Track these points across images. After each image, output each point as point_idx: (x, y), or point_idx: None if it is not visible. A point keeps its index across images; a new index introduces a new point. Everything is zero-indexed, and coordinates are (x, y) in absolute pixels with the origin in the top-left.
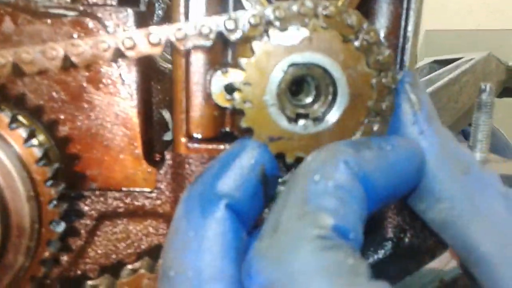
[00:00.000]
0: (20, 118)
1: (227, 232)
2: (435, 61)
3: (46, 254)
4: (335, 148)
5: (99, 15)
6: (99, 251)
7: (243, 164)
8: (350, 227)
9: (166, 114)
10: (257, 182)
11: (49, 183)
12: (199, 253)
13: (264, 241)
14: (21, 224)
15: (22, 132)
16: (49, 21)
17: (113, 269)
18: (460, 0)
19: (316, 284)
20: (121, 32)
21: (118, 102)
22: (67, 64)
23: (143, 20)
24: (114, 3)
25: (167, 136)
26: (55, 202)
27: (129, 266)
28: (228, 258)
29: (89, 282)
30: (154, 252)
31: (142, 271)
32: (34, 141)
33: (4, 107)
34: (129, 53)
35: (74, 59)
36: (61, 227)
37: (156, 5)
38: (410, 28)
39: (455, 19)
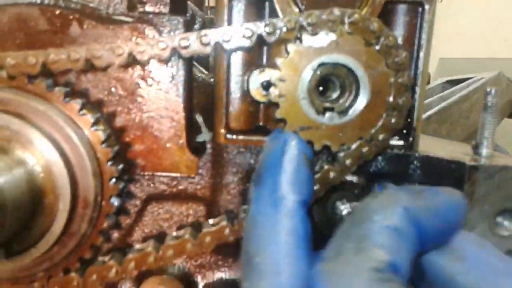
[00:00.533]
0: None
1: (298, 225)
2: (448, 81)
3: (105, 225)
4: (396, 195)
5: (155, 21)
6: (146, 230)
7: (291, 157)
8: (402, 264)
9: (199, 118)
10: (307, 170)
11: (110, 162)
12: (278, 245)
13: (328, 265)
14: (87, 197)
15: (90, 118)
16: (111, 26)
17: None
18: (474, 28)
19: None
20: (178, 34)
21: (167, 98)
22: (130, 60)
23: (189, 28)
24: (166, 11)
25: (200, 138)
26: (114, 180)
27: (174, 233)
28: (300, 248)
29: (137, 246)
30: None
31: (187, 236)
32: (100, 126)
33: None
34: (183, 52)
35: (137, 56)
36: (118, 202)
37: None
38: (424, 36)
39: (469, 47)
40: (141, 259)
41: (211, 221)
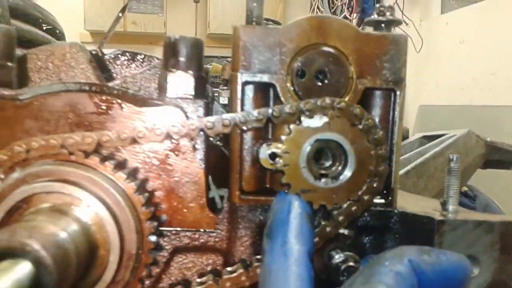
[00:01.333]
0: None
1: (304, 271)
2: (424, 137)
3: (144, 273)
4: (406, 249)
5: (181, 104)
6: (172, 278)
7: (296, 215)
8: None
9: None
10: (309, 225)
11: (149, 222)
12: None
13: None
14: (131, 250)
15: (134, 185)
16: (145, 108)
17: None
18: (452, 77)
19: None
20: (205, 117)
21: (191, 165)
22: (167, 138)
23: (208, 109)
24: (191, 96)
25: (210, 194)
26: (151, 236)
27: (197, 280)
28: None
29: None
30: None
31: (210, 282)
32: (141, 191)
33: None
34: (209, 132)
35: (173, 135)
36: (154, 254)
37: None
38: (396, 114)
39: (448, 95)
40: None
41: (229, 269)
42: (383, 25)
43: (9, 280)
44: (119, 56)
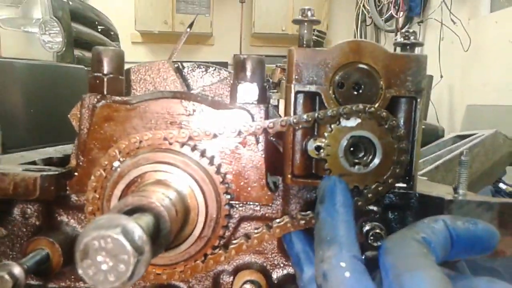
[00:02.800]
0: None
1: (350, 219)
2: (457, 136)
3: (221, 233)
4: (440, 216)
5: (248, 108)
6: (236, 241)
7: (340, 188)
8: (435, 247)
9: None
10: (350, 196)
11: (224, 195)
12: (339, 222)
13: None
14: (212, 214)
15: (215, 168)
16: (222, 111)
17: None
18: (501, 76)
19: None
20: (267, 120)
21: (254, 154)
22: (238, 134)
23: (267, 112)
24: (255, 102)
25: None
26: (226, 205)
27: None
28: (351, 220)
29: (234, 241)
30: None
31: (264, 230)
32: (220, 173)
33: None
34: (270, 130)
35: (243, 132)
36: (227, 220)
37: None
38: (417, 117)
39: (496, 95)
40: (239, 247)
41: (277, 220)
42: (408, 47)
43: (143, 223)
44: (195, 68)
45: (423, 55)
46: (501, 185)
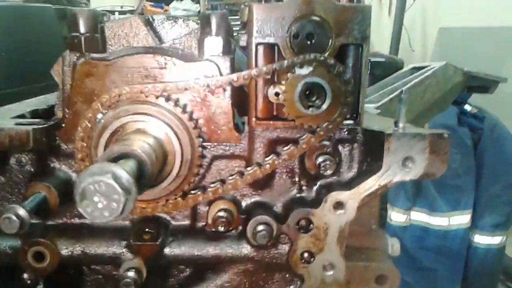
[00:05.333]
0: None
1: None
2: (414, 67)
3: (195, 171)
4: None
5: (215, 60)
6: (212, 177)
7: None
8: None
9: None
10: None
11: (197, 138)
12: None
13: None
14: (187, 156)
15: (187, 115)
16: (190, 64)
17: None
18: None
19: None
20: (232, 74)
21: (222, 101)
22: (207, 86)
23: (233, 62)
24: (221, 54)
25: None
26: (199, 148)
27: (230, 177)
28: None
29: (211, 185)
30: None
31: (237, 177)
32: (192, 119)
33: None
34: (234, 83)
35: (211, 86)
36: (201, 160)
37: None
38: (363, 62)
39: (468, 16)
40: (215, 191)
41: (248, 168)
42: None
43: (128, 168)
44: (165, 21)
45: (368, 5)
46: (466, 107)
